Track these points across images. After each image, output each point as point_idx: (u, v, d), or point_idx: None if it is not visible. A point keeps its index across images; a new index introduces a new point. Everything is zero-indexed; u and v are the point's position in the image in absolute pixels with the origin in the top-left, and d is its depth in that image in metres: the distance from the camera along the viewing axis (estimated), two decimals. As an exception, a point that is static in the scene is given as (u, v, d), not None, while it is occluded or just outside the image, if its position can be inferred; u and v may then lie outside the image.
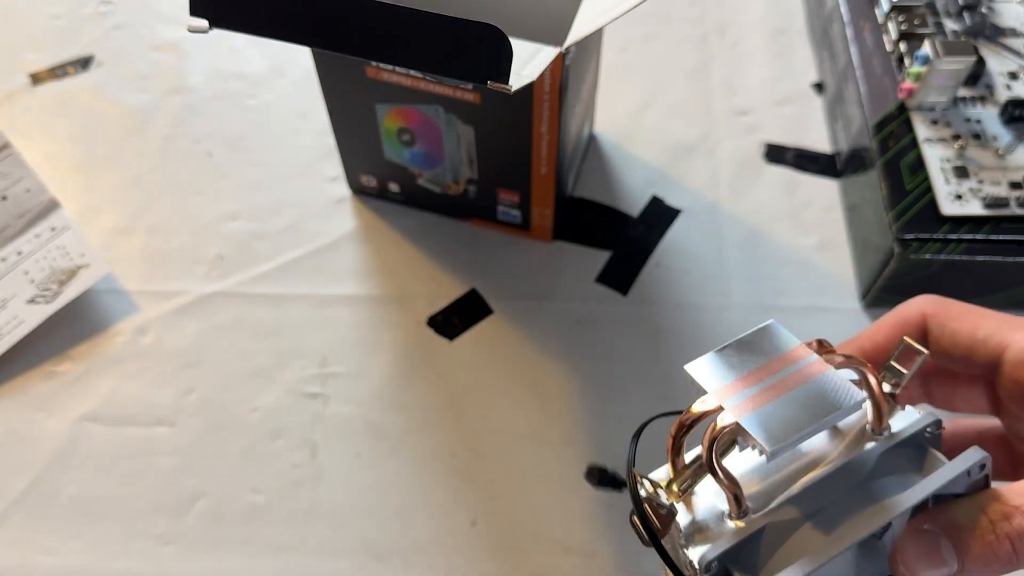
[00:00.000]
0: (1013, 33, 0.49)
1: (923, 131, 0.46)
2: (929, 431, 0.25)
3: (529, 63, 0.34)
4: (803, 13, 0.59)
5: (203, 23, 0.33)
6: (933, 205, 0.44)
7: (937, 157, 0.45)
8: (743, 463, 0.25)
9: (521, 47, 0.34)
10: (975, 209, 0.43)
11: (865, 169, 0.47)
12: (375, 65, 0.41)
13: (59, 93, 0.56)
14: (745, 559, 0.24)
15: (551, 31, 0.35)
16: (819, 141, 0.54)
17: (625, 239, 0.50)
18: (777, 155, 0.53)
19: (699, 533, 0.24)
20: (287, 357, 0.46)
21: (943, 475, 0.24)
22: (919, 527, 0.24)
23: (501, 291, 0.48)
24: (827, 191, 0.52)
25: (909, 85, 0.46)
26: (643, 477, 0.25)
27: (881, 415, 0.24)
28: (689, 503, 0.25)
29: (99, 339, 0.47)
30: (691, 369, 0.24)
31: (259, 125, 0.55)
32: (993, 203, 0.43)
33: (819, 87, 0.56)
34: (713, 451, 0.23)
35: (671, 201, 0.51)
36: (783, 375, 0.23)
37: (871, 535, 0.23)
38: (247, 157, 0.53)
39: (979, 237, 0.43)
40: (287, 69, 0.57)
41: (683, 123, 0.54)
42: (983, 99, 0.47)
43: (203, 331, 0.47)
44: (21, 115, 0.55)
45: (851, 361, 0.24)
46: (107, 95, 0.56)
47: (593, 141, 0.54)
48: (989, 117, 0.46)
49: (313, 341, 0.47)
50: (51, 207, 0.48)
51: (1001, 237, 0.43)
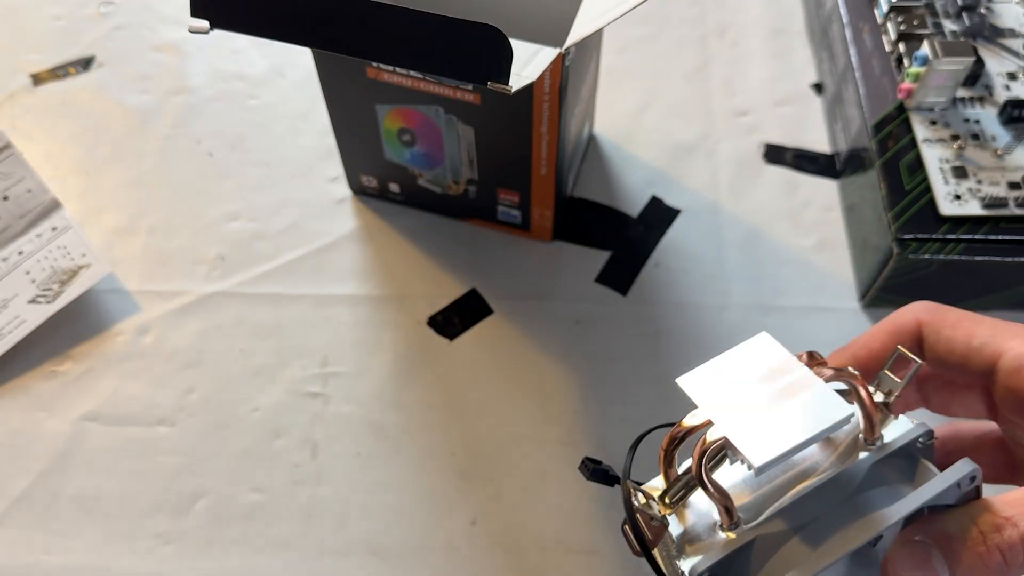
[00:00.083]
0: (1012, 34, 0.49)
1: (922, 131, 0.46)
2: (921, 442, 0.25)
3: (529, 64, 0.34)
4: (802, 14, 0.59)
5: (204, 24, 0.33)
6: (932, 205, 0.44)
7: (936, 157, 0.45)
8: (735, 474, 0.25)
9: (521, 48, 0.34)
10: (974, 209, 0.43)
11: (864, 169, 0.47)
12: (376, 66, 0.42)
13: (60, 93, 0.56)
14: (736, 570, 0.24)
15: (551, 32, 0.35)
16: (818, 141, 0.54)
17: (625, 239, 0.50)
18: (776, 155, 0.53)
19: (691, 544, 0.24)
20: (288, 357, 0.46)
21: (933, 487, 0.24)
22: (910, 537, 0.24)
23: (501, 291, 0.48)
24: (826, 191, 0.52)
25: (908, 86, 0.46)
26: (636, 489, 0.25)
27: (873, 426, 0.24)
28: (682, 513, 0.25)
29: (100, 339, 0.47)
30: (683, 382, 0.24)
31: (260, 126, 0.55)
32: (992, 203, 0.44)
33: (818, 88, 0.56)
34: (703, 465, 0.23)
35: (671, 201, 0.51)
36: (773, 389, 0.23)
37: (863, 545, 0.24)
38: (248, 157, 0.54)
39: (978, 237, 0.43)
40: (288, 70, 0.57)
41: (683, 123, 0.54)
42: (982, 100, 0.47)
43: (204, 331, 0.47)
44: (22, 115, 0.55)
45: (842, 374, 0.24)
46: (108, 96, 0.56)
47: (593, 141, 0.54)
48: (988, 117, 0.47)
49: (314, 341, 0.47)
50: (52, 207, 0.48)
51: (1000, 237, 0.43)
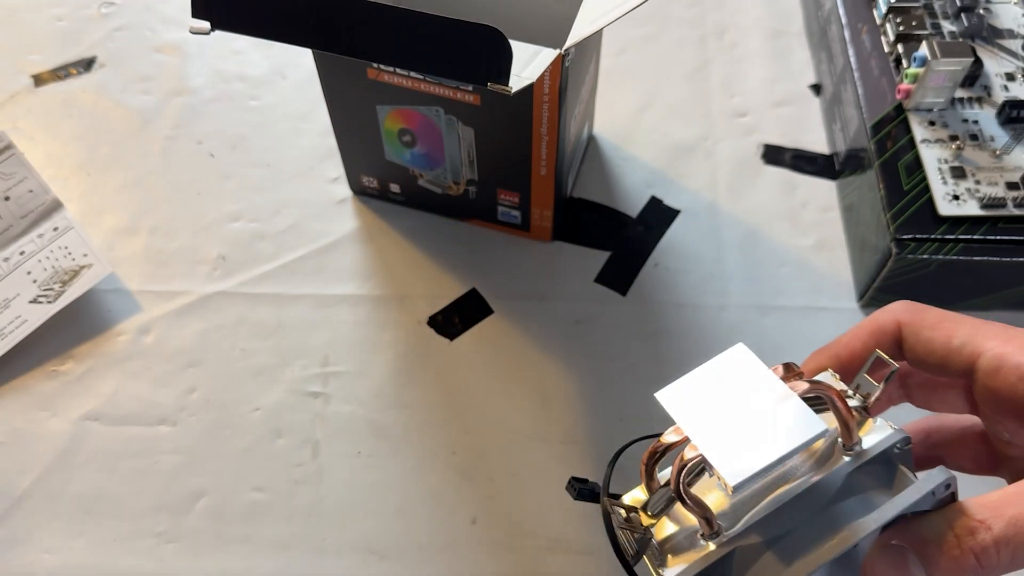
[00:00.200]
0: (1010, 34, 0.50)
1: (920, 132, 0.46)
2: (898, 448, 0.25)
3: (529, 65, 0.34)
4: (801, 15, 0.59)
5: (205, 25, 0.33)
6: (930, 205, 0.44)
7: (934, 158, 0.45)
8: (714, 481, 0.25)
9: (521, 49, 0.34)
10: (972, 209, 0.44)
11: (863, 170, 0.48)
12: (376, 67, 0.42)
13: (62, 94, 0.56)
14: None
15: (551, 33, 0.35)
16: (817, 142, 0.54)
17: (624, 239, 0.50)
18: (775, 156, 0.53)
19: (673, 554, 0.25)
20: (288, 356, 0.46)
21: (908, 497, 0.24)
22: (888, 542, 0.24)
23: (501, 291, 0.48)
24: (825, 192, 0.52)
25: (906, 86, 0.47)
26: (616, 504, 0.25)
27: (851, 432, 0.25)
28: (664, 523, 0.25)
29: (101, 339, 0.47)
30: (661, 397, 0.24)
31: (261, 126, 0.55)
32: (990, 203, 0.44)
33: (817, 88, 0.56)
34: (681, 481, 0.24)
35: (670, 201, 0.52)
36: (749, 404, 0.24)
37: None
38: (249, 158, 0.54)
39: (976, 237, 0.43)
40: (288, 71, 0.57)
41: (682, 124, 0.55)
42: (980, 100, 0.47)
43: (205, 331, 0.47)
44: (24, 116, 0.55)
45: (817, 387, 0.25)
46: (110, 96, 0.56)
47: (592, 142, 0.54)
48: (986, 118, 0.47)
49: (314, 341, 0.47)
50: (54, 207, 0.48)
51: (998, 237, 0.43)
